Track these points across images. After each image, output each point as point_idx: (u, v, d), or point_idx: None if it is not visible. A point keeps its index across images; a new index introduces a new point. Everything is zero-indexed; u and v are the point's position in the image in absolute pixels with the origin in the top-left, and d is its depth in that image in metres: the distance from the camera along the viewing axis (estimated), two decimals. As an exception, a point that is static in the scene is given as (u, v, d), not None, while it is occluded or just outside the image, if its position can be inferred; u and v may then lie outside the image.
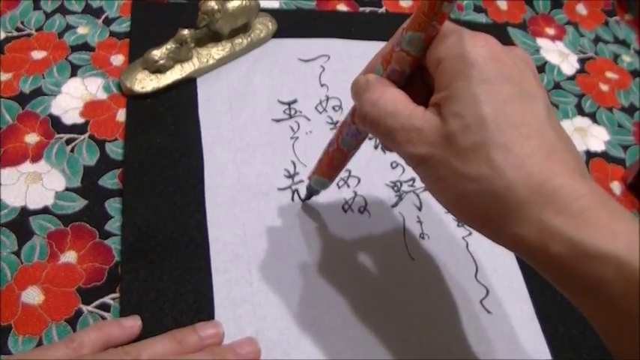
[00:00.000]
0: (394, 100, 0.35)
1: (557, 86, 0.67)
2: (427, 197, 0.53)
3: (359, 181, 0.53)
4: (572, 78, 0.69)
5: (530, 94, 0.32)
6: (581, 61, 0.71)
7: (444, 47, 0.33)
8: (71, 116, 0.53)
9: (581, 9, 0.78)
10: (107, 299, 0.43)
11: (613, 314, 0.28)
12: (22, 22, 0.59)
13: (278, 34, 0.62)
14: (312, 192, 0.49)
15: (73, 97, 0.54)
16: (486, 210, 0.31)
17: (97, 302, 0.43)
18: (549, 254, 0.29)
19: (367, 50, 0.63)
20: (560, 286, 0.31)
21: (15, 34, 0.58)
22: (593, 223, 0.28)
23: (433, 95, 0.34)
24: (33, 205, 0.47)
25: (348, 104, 0.58)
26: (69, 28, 0.59)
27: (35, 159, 0.50)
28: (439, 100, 0.33)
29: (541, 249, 0.30)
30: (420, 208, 0.52)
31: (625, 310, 0.27)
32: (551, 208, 0.29)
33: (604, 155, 0.62)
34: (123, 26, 0.60)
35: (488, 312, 0.47)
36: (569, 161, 0.31)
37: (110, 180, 0.49)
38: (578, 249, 0.28)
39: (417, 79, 0.37)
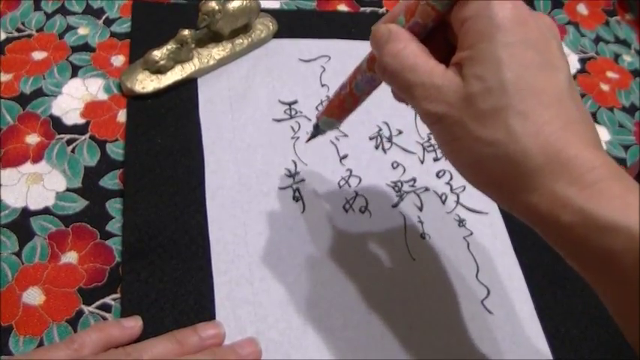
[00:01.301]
0: (415, 55, 0.34)
1: (557, 86, 0.67)
2: (428, 197, 0.53)
3: (360, 180, 0.53)
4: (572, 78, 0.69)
5: (553, 63, 0.32)
6: (582, 60, 0.71)
7: (472, 6, 0.33)
8: (72, 117, 0.53)
9: (582, 9, 0.78)
10: (108, 300, 0.43)
11: (623, 286, 0.28)
12: (23, 23, 0.59)
13: (279, 34, 0.62)
14: (318, 132, 0.48)
15: (73, 98, 0.54)
16: (500, 175, 0.31)
17: (97, 303, 0.43)
18: (560, 224, 0.29)
19: (368, 50, 0.63)
20: (570, 258, 0.31)
21: (15, 34, 0.58)
22: (605, 195, 0.28)
23: (455, 54, 0.33)
24: (34, 206, 0.47)
25: (349, 104, 0.58)
26: (69, 28, 0.59)
27: (36, 160, 0.50)
28: (461, 59, 0.33)
29: (552, 218, 0.30)
30: (420, 209, 0.52)
31: (635, 282, 0.27)
32: (565, 177, 0.29)
33: (605, 155, 0.62)
34: (123, 27, 0.60)
35: (490, 312, 0.47)
36: (585, 132, 0.31)
37: (111, 180, 0.49)
38: (589, 219, 0.28)
39: (439, 34, 0.36)
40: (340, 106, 0.45)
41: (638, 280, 0.27)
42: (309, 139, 0.50)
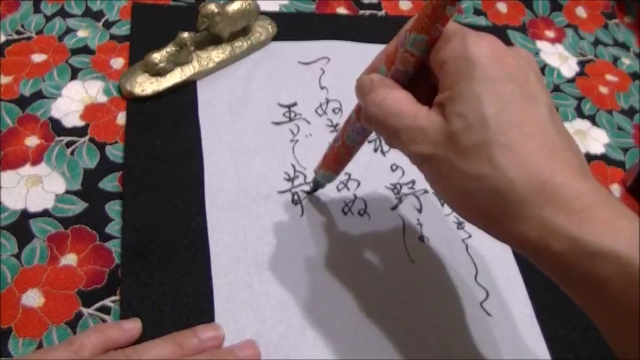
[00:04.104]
0: (399, 101, 0.35)
1: (556, 89, 0.67)
2: (427, 200, 0.53)
3: (359, 183, 0.53)
4: (571, 81, 0.69)
5: (533, 94, 0.33)
6: (581, 63, 0.71)
7: (448, 48, 0.34)
8: (71, 119, 0.53)
9: (581, 12, 0.78)
10: (107, 302, 0.43)
11: (614, 312, 0.28)
12: (23, 26, 0.59)
13: (278, 37, 0.62)
14: (317, 185, 0.50)
15: (73, 100, 0.54)
16: (488, 208, 0.32)
17: (97, 305, 0.43)
18: (550, 252, 0.30)
19: (367, 53, 0.63)
20: (562, 284, 0.31)
21: (15, 37, 0.58)
22: (593, 221, 0.29)
23: (437, 95, 0.34)
24: (33, 208, 0.47)
25: (348, 107, 0.58)
26: (69, 31, 0.59)
27: (35, 162, 0.50)
28: (443, 100, 0.33)
29: (542, 246, 0.30)
30: (420, 211, 0.52)
31: (626, 308, 0.28)
32: (552, 206, 0.29)
33: (604, 158, 0.62)
34: (123, 29, 0.60)
35: (489, 314, 0.47)
36: (570, 160, 0.31)
37: (110, 183, 0.49)
38: (578, 246, 0.28)
39: (422, 77, 0.37)
40: (335, 159, 0.46)
41: (628, 305, 0.27)
42: (310, 193, 0.51)
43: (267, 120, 0.56)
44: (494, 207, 0.31)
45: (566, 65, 0.70)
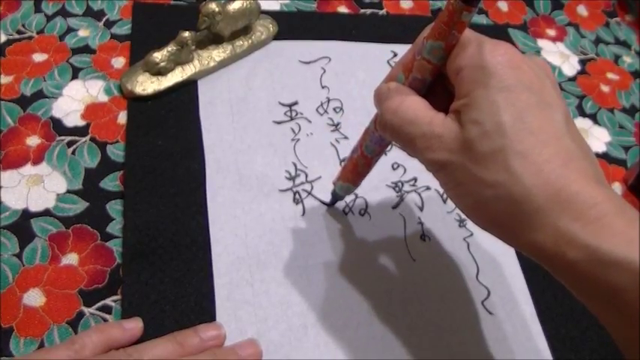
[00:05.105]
0: (414, 108, 0.35)
1: (558, 87, 0.67)
2: (429, 197, 0.53)
3: (360, 182, 0.53)
4: (573, 79, 0.69)
5: (549, 102, 0.33)
6: (582, 62, 0.71)
7: (464, 56, 0.34)
8: (72, 119, 0.53)
9: (582, 10, 0.78)
10: (108, 301, 0.43)
11: (628, 321, 0.28)
12: (24, 25, 0.59)
13: (279, 36, 0.62)
14: (336, 197, 0.50)
15: (74, 100, 0.54)
16: (503, 215, 0.32)
17: (98, 304, 0.43)
18: (565, 260, 0.29)
19: (368, 52, 0.63)
20: (576, 292, 0.31)
21: (16, 36, 0.58)
22: (609, 230, 0.29)
23: (453, 102, 0.34)
24: (34, 208, 0.47)
25: (349, 106, 0.58)
26: (70, 30, 0.59)
27: (36, 161, 0.50)
28: (459, 107, 0.33)
29: (557, 255, 0.30)
30: (421, 209, 0.52)
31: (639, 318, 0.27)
32: (568, 214, 0.29)
33: (605, 156, 0.62)
34: (124, 29, 0.60)
35: (490, 313, 0.47)
36: (586, 168, 0.31)
37: (111, 182, 0.49)
38: (594, 255, 0.28)
39: (439, 85, 0.37)
40: (354, 170, 0.46)
41: None
42: (329, 205, 0.51)
43: (268, 119, 0.56)
44: (508, 214, 0.31)
45: (568, 64, 0.70)
